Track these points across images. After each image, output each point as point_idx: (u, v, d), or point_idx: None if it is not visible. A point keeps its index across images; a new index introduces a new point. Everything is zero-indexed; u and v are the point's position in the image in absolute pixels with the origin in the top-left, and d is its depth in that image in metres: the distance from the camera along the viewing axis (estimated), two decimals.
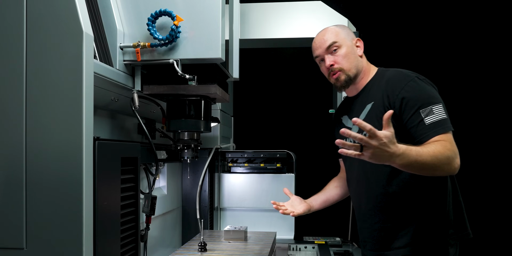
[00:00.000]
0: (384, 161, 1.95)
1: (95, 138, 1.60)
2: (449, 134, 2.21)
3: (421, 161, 2.02)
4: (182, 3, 2.10)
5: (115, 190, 1.82)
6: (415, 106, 2.25)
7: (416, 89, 2.29)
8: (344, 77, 2.48)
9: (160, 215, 2.84)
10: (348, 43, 2.51)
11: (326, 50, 2.50)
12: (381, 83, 2.42)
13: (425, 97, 2.26)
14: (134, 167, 2.03)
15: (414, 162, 2.01)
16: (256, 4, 3.59)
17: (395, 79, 2.38)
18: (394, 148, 1.91)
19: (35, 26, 1.53)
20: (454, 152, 2.16)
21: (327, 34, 2.52)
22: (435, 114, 2.21)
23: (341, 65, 2.47)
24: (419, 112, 2.24)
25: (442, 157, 2.09)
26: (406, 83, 2.32)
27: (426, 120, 2.22)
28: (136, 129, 2.50)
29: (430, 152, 2.06)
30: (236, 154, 3.60)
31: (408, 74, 2.37)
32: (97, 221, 1.61)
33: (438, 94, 2.33)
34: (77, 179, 1.49)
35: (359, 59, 2.53)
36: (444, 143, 2.15)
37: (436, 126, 2.20)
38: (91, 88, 1.55)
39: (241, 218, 3.60)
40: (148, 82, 2.25)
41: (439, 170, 2.15)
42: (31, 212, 1.51)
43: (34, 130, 1.52)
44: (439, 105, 2.24)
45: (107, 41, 2.06)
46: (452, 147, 2.16)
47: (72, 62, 1.51)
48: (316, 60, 2.59)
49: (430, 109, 2.22)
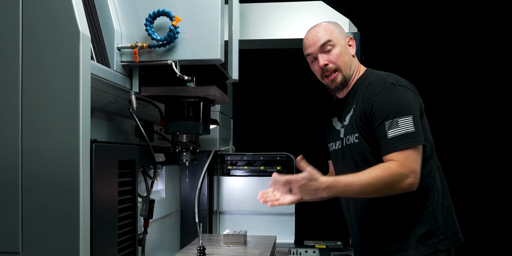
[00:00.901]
0: (313, 195, 2.11)
1: (92, 140, 1.60)
2: (409, 150, 2.15)
3: (350, 191, 2.12)
4: (181, 3, 2.10)
5: (113, 193, 1.82)
6: (381, 116, 2.21)
7: (387, 98, 2.23)
8: (340, 78, 2.42)
9: (158, 218, 2.83)
10: (342, 42, 2.44)
11: (320, 48, 2.42)
12: (363, 86, 2.37)
13: (394, 108, 2.20)
14: (131, 170, 2.03)
15: (342, 193, 2.16)
16: (255, 4, 3.59)
17: (372, 84, 2.31)
18: (316, 184, 2.06)
19: (31, 26, 1.53)
20: (400, 173, 2.11)
21: (320, 31, 2.44)
22: (400, 127, 2.16)
23: (337, 65, 2.41)
24: (384, 124, 2.19)
25: (378, 183, 2.10)
26: (379, 90, 2.25)
27: (389, 133, 2.17)
28: (133, 131, 2.50)
29: (362, 181, 2.09)
30: (235, 156, 3.60)
31: (385, 80, 2.29)
32: (94, 224, 1.61)
33: (414, 104, 2.25)
34: (74, 182, 1.49)
35: (352, 59, 2.47)
36: (388, 166, 2.13)
37: (397, 140, 2.15)
38: (88, 89, 1.55)
39: (241, 222, 3.59)
40: (146, 84, 2.25)
41: (379, 194, 2.18)
42: (27, 216, 1.51)
43: (30, 133, 1.52)
44: (407, 118, 2.17)
45: (104, 41, 2.06)
46: (400, 168, 2.12)
47: (68, 63, 1.51)
48: (308, 58, 2.51)
49: (396, 121, 2.17)
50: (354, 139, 2.36)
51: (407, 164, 2.13)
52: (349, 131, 2.40)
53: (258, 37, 3.57)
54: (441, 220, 2.32)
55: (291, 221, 3.52)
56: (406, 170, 2.12)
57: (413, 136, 2.15)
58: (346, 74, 2.43)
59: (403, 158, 2.14)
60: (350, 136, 2.39)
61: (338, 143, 2.51)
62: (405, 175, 2.12)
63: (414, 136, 2.15)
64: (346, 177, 2.12)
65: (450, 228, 2.34)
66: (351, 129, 2.38)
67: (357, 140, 2.34)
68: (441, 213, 2.33)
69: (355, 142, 2.36)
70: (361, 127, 2.31)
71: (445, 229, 2.32)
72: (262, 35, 3.56)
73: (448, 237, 2.32)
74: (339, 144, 2.50)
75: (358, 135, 2.33)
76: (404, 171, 2.12)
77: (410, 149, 2.15)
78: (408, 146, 2.14)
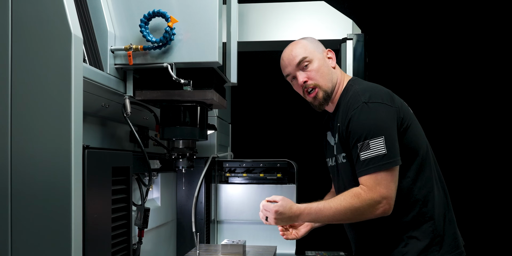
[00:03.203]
0: (289, 223, 2.38)
1: (84, 146, 1.59)
2: (380, 174, 2.17)
3: (323, 217, 2.26)
4: (177, 3, 2.10)
5: (106, 201, 1.81)
6: (354, 138, 2.24)
7: (358, 118, 2.24)
8: (322, 94, 2.43)
9: (153, 228, 2.83)
10: (319, 56, 2.45)
11: (297, 66, 2.44)
12: (343, 104, 2.38)
13: (365, 129, 2.21)
14: (126, 178, 2.02)
15: (316, 219, 2.32)
16: (255, 4, 3.59)
17: (348, 104, 2.32)
18: (289, 213, 2.26)
19: (21, 27, 1.53)
20: (370, 200, 2.16)
21: (294, 49, 2.47)
22: (371, 150, 2.18)
23: (315, 81, 2.42)
24: (357, 146, 2.22)
25: (347, 211, 2.18)
26: (352, 111, 2.26)
27: (361, 156, 2.20)
28: (128, 137, 2.50)
29: (333, 208, 2.21)
30: (234, 163, 3.59)
31: (358, 98, 2.28)
32: (87, 234, 1.60)
33: (389, 121, 2.23)
34: (65, 190, 1.49)
35: (332, 71, 2.48)
36: (358, 192, 2.19)
37: (369, 163, 2.18)
38: (80, 93, 1.55)
39: (239, 232, 3.59)
40: (140, 87, 2.25)
41: (352, 220, 2.28)
42: (16, 225, 1.50)
43: (20, 139, 1.51)
44: (378, 139, 2.18)
45: (97, 43, 2.06)
46: (369, 194, 2.16)
47: (60, 66, 1.50)
48: (287, 78, 2.55)
49: (367, 144, 2.19)
50: (342, 158, 2.40)
51: (377, 190, 2.16)
52: (339, 150, 2.43)
53: (257, 38, 3.58)
54: (442, 233, 2.30)
55: None
56: (376, 196, 2.16)
57: (385, 158, 2.17)
58: (327, 89, 2.44)
59: (373, 183, 2.17)
60: (339, 155, 2.43)
61: (333, 159, 2.54)
62: (377, 201, 2.16)
63: (386, 158, 2.17)
64: (318, 204, 2.25)
65: (451, 242, 2.32)
66: (339, 149, 2.42)
67: (345, 160, 2.38)
68: (442, 226, 2.31)
69: (343, 162, 2.40)
70: (345, 147, 2.35)
71: (446, 243, 2.30)
72: (262, 36, 3.57)
73: (449, 250, 2.30)
74: (334, 160, 2.54)
75: (345, 155, 2.37)
76: (375, 197, 2.16)
77: (381, 172, 2.17)
78: (380, 170, 2.16)
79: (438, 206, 2.32)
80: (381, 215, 2.19)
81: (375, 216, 2.20)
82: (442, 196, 2.36)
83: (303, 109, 5.12)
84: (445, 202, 2.37)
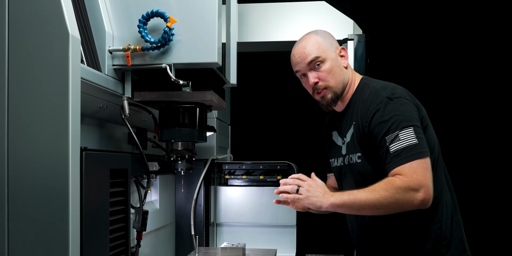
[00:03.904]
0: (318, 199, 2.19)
1: (82, 148, 1.60)
2: (415, 163, 2.11)
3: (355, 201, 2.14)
4: (176, 3, 2.10)
5: (104, 204, 1.82)
6: (381, 132, 2.18)
7: (383, 113, 2.20)
8: (330, 95, 2.38)
9: (152, 231, 2.83)
10: (332, 55, 2.39)
11: (308, 65, 2.37)
12: (360, 102, 2.35)
13: (392, 121, 2.17)
14: (124, 180, 2.02)
15: (348, 202, 2.15)
16: (255, 4, 3.59)
17: (368, 101, 2.29)
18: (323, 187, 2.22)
19: (18, 28, 1.53)
20: (407, 187, 2.08)
21: (307, 46, 2.38)
22: (401, 140, 2.13)
23: (327, 82, 2.36)
24: (385, 139, 2.17)
25: (382, 198, 2.09)
26: (375, 107, 2.23)
27: (391, 148, 2.15)
28: (126, 139, 2.50)
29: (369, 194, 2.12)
30: (233, 165, 3.59)
31: (379, 94, 2.26)
32: (84, 237, 1.61)
33: (415, 114, 2.22)
34: (63, 192, 1.49)
35: (344, 71, 2.42)
36: (392, 180, 2.10)
37: (401, 154, 2.12)
38: (78, 94, 1.55)
39: (239, 235, 3.58)
40: (139, 88, 2.25)
41: (387, 211, 2.15)
42: (13, 228, 1.51)
43: (17, 140, 1.51)
44: (408, 129, 2.14)
45: (95, 44, 2.06)
46: (406, 182, 2.08)
47: (57, 67, 1.51)
48: (297, 74, 2.48)
49: (396, 135, 2.14)
50: (356, 158, 2.35)
51: (414, 177, 2.08)
52: (352, 149, 2.38)
53: (257, 39, 3.57)
54: (449, 237, 2.28)
55: (292, 233, 3.51)
56: (414, 184, 2.08)
57: (417, 148, 2.12)
58: (338, 90, 2.39)
59: (409, 172, 2.10)
60: (353, 155, 2.37)
61: (340, 160, 2.50)
62: (414, 189, 2.07)
63: (418, 147, 2.12)
64: (352, 191, 2.17)
65: (458, 245, 2.30)
66: (353, 148, 2.36)
67: (360, 160, 2.33)
68: (449, 229, 2.29)
69: (357, 162, 2.34)
70: (362, 145, 2.30)
71: (453, 246, 2.28)
72: (262, 37, 3.56)
73: (456, 253, 2.28)
74: (341, 161, 2.49)
75: (361, 155, 2.32)
76: (412, 185, 2.07)
77: (416, 161, 2.11)
78: (413, 159, 2.10)
79: (446, 209, 2.30)
80: (420, 205, 2.10)
81: (413, 206, 2.10)
82: (449, 199, 2.34)
83: (303, 110, 5.14)
84: (453, 205, 2.35)
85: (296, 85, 5.12)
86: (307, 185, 2.21)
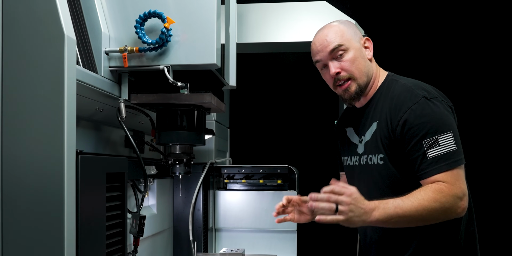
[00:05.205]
0: (361, 219, 1.96)
1: (77, 151, 1.60)
2: (456, 170, 2.06)
3: (403, 214, 1.99)
4: (174, 3, 2.10)
5: (100, 209, 1.81)
6: (418, 135, 2.09)
7: (422, 113, 2.11)
8: (355, 88, 2.27)
9: (149, 236, 2.82)
10: (356, 45, 2.28)
11: (330, 54, 2.25)
12: (387, 98, 2.26)
13: (431, 124, 2.09)
14: (120, 184, 2.02)
15: (392, 216, 1.99)
16: (254, 4, 3.59)
17: (400, 98, 2.19)
18: (364, 202, 1.96)
19: (12, 28, 1.53)
20: (454, 195, 2.02)
21: (330, 34, 2.27)
22: (441, 146, 2.06)
23: (350, 73, 2.25)
24: (421, 143, 2.08)
25: (432, 206, 1.99)
26: (411, 105, 2.13)
27: (429, 153, 2.06)
28: (123, 142, 2.50)
29: (415, 202, 1.98)
30: (232, 169, 3.59)
31: (415, 93, 2.17)
32: (80, 242, 1.60)
33: (451, 117, 2.17)
34: (58, 197, 1.49)
35: (369, 63, 2.32)
36: (439, 188, 2.02)
37: (440, 161, 2.05)
38: (73, 96, 1.55)
39: (238, 240, 3.58)
40: (136, 91, 2.25)
41: (431, 220, 2.06)
42: (6, 234, 1.50)
43: (11, 143, 1.51)
44: (448, 134, 2.08)
45: (91, 45, 2.06)
46: (452, 189, 2.02)
47: (52, 68, 1.51)
48: (317, 65, 2.36)
49: (435, 140, 2.06)
50: (378, 160, 2.25)
51: (459, 185, 2.04)
52: (373, 150, 2.28)
53: (257, 40, 3.57)
54: (462, 247, 2.25)
55: (293, 238, 3.51)
56: (459, 192, 2.03)
57: (456, 155, 2.07)
58: (362, 82, 2.27)
59: (453, 179, 2.04)
60: (374, 156, 2.28)
61: (355, 158, 2.41)
62: (459, 197, 2.03)
63: (457, 154, 2.07)
64: (395, 200, 2.01)
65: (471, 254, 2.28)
66: (376, 148, 2.27)
67: (382, 162, 2.23)
68: (464, 239, 2.25)
69: (379, 164, 2.25)
70: (387, 146, 2.21)
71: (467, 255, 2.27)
72: (262, 38, 3.56)
73: None
74: (356, 160, 2.40)
75: (384, 156, 2.22)
76: (458, 192, 2.03)
77: (456, 169, 2.06)
78: (454, 166, 2.05)
79: (464, 219, 2.24)
80: (461, 214, 2.06)
81: (456, 214, 2.06)
82: (469, 210, 2.24)
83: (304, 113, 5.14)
84: (470, 216, 2.29)
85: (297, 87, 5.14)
86: (346, 203, 1.93)
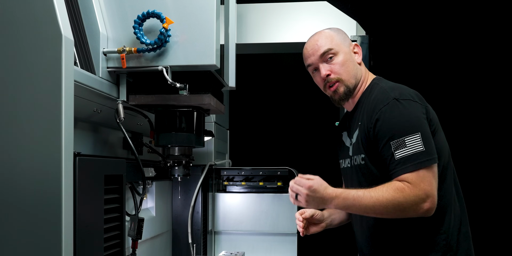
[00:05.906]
0: (318, 206, 2.21)
1: (75, 153, 1.59)
2: (422, 171, 2.11)
3: (359, 206, 2.14)
4: (172, 4, 2.10)
5: (98, 211, 1.81)
6: (386, 136, 2.18)
7: (390, 115, 2.20)
8: (343, 89, 2.39)
9: (148, 239, 2.82)
10: (345, 49, 2.41)
11: (320, 57, 2.39)
12: (368, 102, 2.35)
13: (399, 126, 2.17)
14: (119, 186, 2.02)
15: (351, 207, 2.17)
16: (254, 4, 3.59)
17: (375, 100, 2.29)
18: (323, 193, 2.13)
19: (8, 28, 1.53)
20: (415, 196, 2.08)
21: (320, 39, 2.42)
22: (407, 147, 2.12)
23: (339, 75, 2.38)
24: (389, 144, 2.16)
25: (390, 204, 2.09)
26: (381, 107, 2.22)
27: (396, 154, 2.14)
28: (121, 144, 2.50)
29: (373, 198, 2.11)
30: (232, 171, 3.59)
31: (387, 95, 2.26)
32: (78, 245, 1.60)
33: (422, 118, 2.22)
34: (56, 199, 1.48)
35: (358, 67, 2.44)
36: (401, 187, 2.09)
37: (406, 162, 2.12)
38: (71, 98, 1.55)
39: (238, 243, 3.58)
40: (134, 92, 2.25)
41: (389, 215, 2.16)
42: (2, 238, 1.50)
43: (7, 145, 1.51)
44: (415, 135, 2.14)
45: (89, 45, 2.06)
46: (414, 190, 2.08)
47: (50, 69, 1.50)
48: (309, 69, 2.50)
49: (402, 141, 2.13)
50: (360, 160, 2.36)
51: (422, 187, 2.10)
52: (356, 150, 2.39)
53: (257, 41, 3.57)
54: (455, 249, 2.27)
55: (293, 241, 3.51)
56: (421, 193, 2.09)
57: (424, 156, 2.12)
58: (350, 84, 2.40)
59: (418, 180, 2.10)
60: (357, 156, 2.38)
61: (348, 161, 2.50)
62: (421, 198, 2.09)
63: (424, 155, 2.12)
64: (357, 191, 2.14)
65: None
66: (358, 149, 2.37)
67: (363, 162, 2.33)
68: (456, 240, 2.28)
69: (361, 164, 2.35)
70: (366, 147, 2.30)
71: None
72: (261, 38, 3.56)
73: None
74: (348, 162, 2.50)
75: (364, 156, 2.32)
76: (420, 194, 2.09)
77: (423, 170, 2.11)
78: (420, 167, 2.11)
79: (454, 219, 2.29)
80: (424, 214, 2.12)
81: (417, 214, 2.12)
82: (458, 210, 2.33)
83: (304, 114, 5.14)
84: (461, 216, 2.34)
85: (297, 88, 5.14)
86: (303, 193, 2.14)
